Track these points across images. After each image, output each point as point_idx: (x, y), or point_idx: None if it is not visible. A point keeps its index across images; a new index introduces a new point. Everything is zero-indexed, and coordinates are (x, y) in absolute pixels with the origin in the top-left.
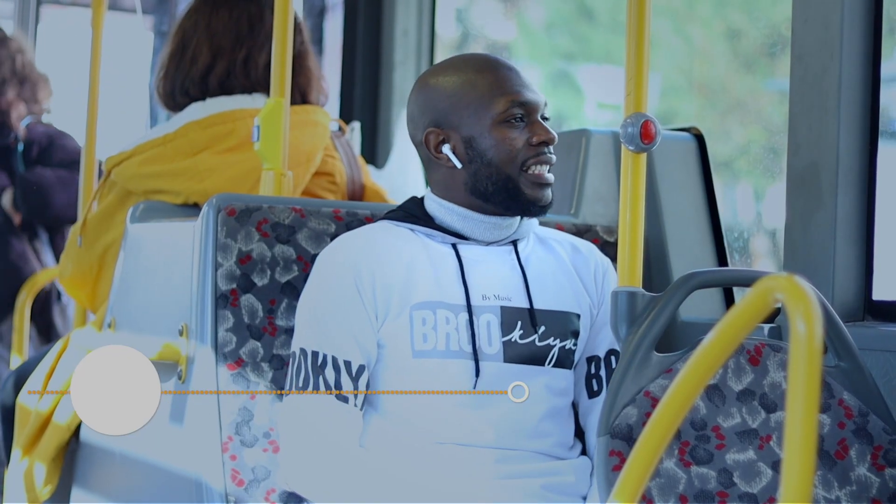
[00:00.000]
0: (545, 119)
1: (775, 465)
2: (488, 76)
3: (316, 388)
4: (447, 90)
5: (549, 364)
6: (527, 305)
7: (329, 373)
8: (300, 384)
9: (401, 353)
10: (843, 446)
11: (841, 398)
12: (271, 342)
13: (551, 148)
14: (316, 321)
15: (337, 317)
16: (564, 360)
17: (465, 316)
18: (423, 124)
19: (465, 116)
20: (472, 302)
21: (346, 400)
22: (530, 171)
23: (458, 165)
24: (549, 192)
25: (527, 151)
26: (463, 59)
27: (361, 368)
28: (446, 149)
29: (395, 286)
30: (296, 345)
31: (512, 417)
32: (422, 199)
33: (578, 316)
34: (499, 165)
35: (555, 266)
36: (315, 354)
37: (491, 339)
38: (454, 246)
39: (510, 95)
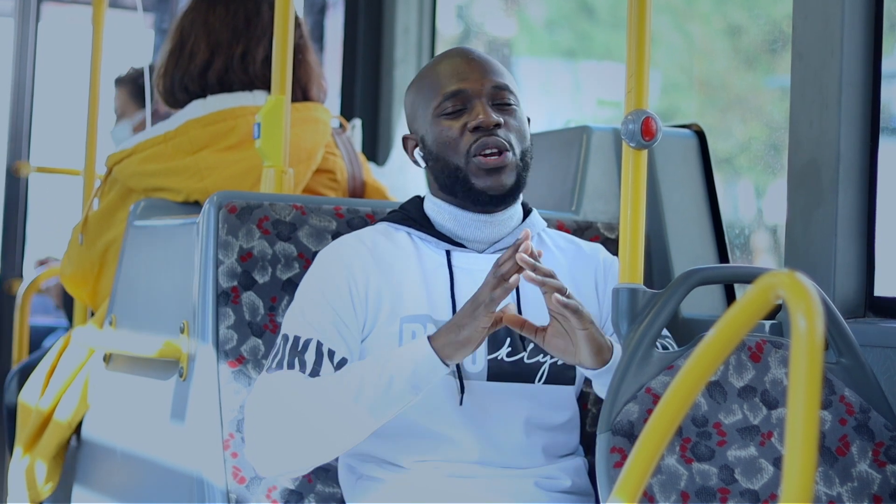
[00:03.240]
0: (504, 104)
1: (777, 462)
2: (431, 75)
3: (292, 368)
4: (410, 96)
5: (538, 381)
6: None
7: (309, 355)
8: (274, 366)
9: None
10: (845, 443)
11: (842, 394)
12: (272, 339)
13: (499, 130)
14: (302, 311)
15: (325, 311)
16: (558, 376)
17: None
18: (407, 130)
19: (418, 118)
20: None
21: (317, 374)
22: (475, 159)
23: (422, 166)
24: (503, 178)
25: (467, 139)
26: (429, 63)
27: (344, 360)
28: (416, 152)
29: (386, 294)
30: (281, 331)
31: (498, 436)
32: (423, 198)
33: None
34: (445, 158)
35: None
36: (297, 339)
37: (475, 358)
38: (448, 254)
39: (440, 89)
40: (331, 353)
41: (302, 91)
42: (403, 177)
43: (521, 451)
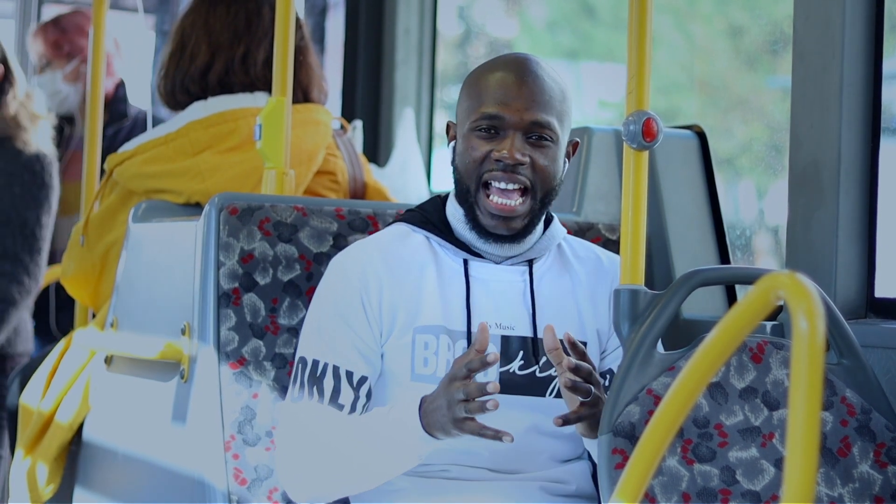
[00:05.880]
0: (540, 139)
1: (778, 463)
2: (483, 81)
3: (311, 396)
4: (462, 90)
5: (550, 395)
6: (530, 334)
7: (328, 382)
8: (296, 394)
9: (400, 374)
10: (846, 443)
11: (843, 395)
12: (273, 341)
13: (522, 168)
14: (319, 331)
15: (341, 328)
16: None
17: (464, 344)
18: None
19: (459, 117)
20: (474, 329)
21: (341, 408)
22: (486, 192)
23: (451, 162)
24: (511, 223)
25: (485, 165)
26: (496, 59)
27: (364, 379)
28: (451, 145)
29: (401, 306)
30: (299, 353)
31: (509, 445)
32: (445, 198)
33: (585, 344)
34: (462, 173)
35: (569, 289)
36: (315, 364)
37: (487, 371)
38: (465, 263)
39: (484, 106)
40: (349, 375)
41: (303, 92)
42: (404, 178)
43: (529, 456)
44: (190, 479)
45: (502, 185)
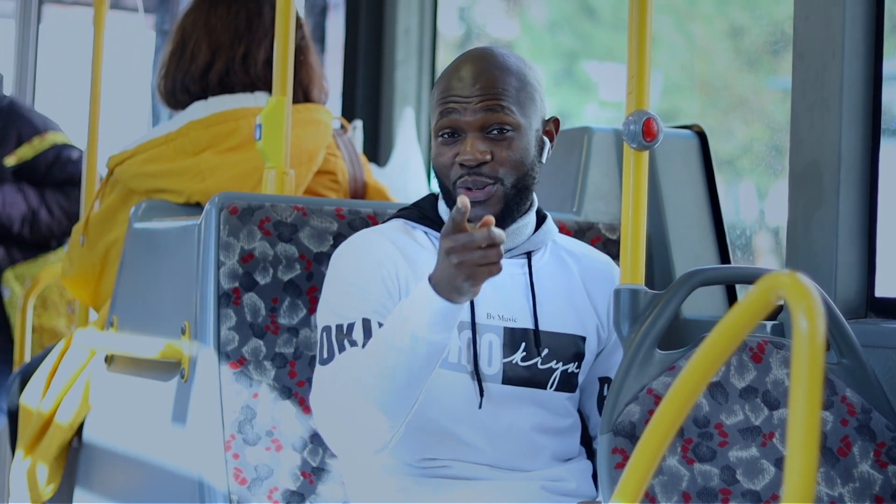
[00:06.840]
0: (499, 132)
1: (778, 463)
2: (441, 87)
3: (342, 351)
4: (433, 91)
5: (550, 387)
6: (532, 326)
7: (357, 334)
8: (325, 355)
9: None
10: (846, 443)
11: (844, 395)
12: (274, 340)
13: (485, 167)
14: (339, 297)
15: (363, 289)
16: (566, 384)
17: (468, 334)
18: None
19: (431, 119)
20: (477, 320)
21: None
22: (459, 191)
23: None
24: (487, 209)
25: (455, 170)
26: (455, 59)
27: None
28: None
29: (413, 285)
30: (320, 324)
31: (509, 438)
32: (438, 195)
33: (584, 339)
34: (439, 175)
35: (566, 283)
36: (339, 327)
37: (491, 360)
38: None
39: (441, 112)
40: (381, 327)
41: (303, 92)
42: (404, 178)
43: (531, 453)
44: (190, 479)
45: (471, 194)
